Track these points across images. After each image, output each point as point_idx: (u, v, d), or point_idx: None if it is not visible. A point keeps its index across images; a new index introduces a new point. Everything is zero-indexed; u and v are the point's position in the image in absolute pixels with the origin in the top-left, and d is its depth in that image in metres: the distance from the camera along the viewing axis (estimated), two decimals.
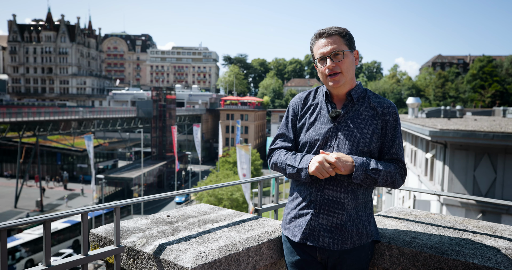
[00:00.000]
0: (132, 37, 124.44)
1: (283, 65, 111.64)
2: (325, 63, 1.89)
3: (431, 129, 12.19)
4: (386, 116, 1.92)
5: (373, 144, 1.89)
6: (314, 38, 1.95)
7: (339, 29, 1.91)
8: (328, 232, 1.86)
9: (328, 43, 1.88)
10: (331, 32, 1.89)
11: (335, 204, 1.86)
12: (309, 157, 1.89)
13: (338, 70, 1.87)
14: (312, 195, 1.90)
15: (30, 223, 1.69)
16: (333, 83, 1.89)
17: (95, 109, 56.75)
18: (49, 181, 48.23)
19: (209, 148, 74.72)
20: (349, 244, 1.86)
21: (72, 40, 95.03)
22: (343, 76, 1.88)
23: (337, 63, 1.87)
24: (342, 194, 1.86)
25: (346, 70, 1.88)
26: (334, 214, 1.86)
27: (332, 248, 1.86)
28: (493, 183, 11.50)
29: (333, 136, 1.90)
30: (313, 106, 2.01)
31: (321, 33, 1.91)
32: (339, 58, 1.87)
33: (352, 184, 1.87)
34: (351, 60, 1.90)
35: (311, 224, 1.88)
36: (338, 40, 1.88)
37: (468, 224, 2.35)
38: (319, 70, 1.94)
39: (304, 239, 1.89)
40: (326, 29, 1.91)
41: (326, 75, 1.90)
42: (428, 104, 76.37)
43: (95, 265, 21.99)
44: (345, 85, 1.91)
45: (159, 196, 2.16)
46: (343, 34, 1.90)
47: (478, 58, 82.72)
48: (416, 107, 23.28)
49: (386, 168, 1.85)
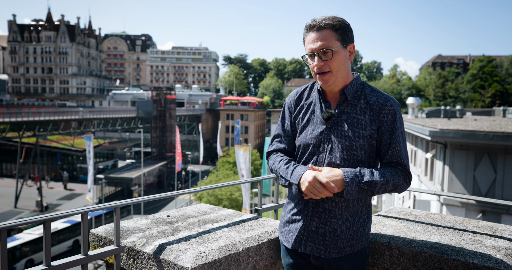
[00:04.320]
0: (132, 37, 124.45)
1: (283, 65, 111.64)
2: (314, 60, 1.74)
3: (431, 129, 12.19)
4: (383, 115, 1.76)
5: (368, 146, 1.77)
6: (305, 30, 1.77)
7: (332, 21, 1.71)
8: (320, 240, 1.79)
9: (317, 38, 1.71)
10: (322, 25, 1.70)
11: (326, 212, 1.78)
12: (300, 170, 1.77)
13: (327, 69, 1.72)
14: (303, 201, 1.84)
15: (30, 223, 1.69)
16: (322, 82, 1.76)
17: (95, 109, 56.76)
18: (49, 181, 48.20)
19: (209, 148, 74.69)
20: (342, 251, 1.79)
21: (72, 40, 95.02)
22: (333, 76, 1.74)
23: (326, 62, 1.71)
24: (334, 202, 1.77)
25: (336, 69, 1.73)
26: (326, 222, 1.78)
27: (324, 256, 1.79)
28: (493, 183, 11.50)
29: (326, 139, 1.79)
30: (306, 105, 1.90)
31: (311, 25, 1.73)
32: (328, 57, 1.71)
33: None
34: (342, 57, 1.73)
35: (303, 232, 1.83)
36: (329, 35, 1.70)
37: (468, 224, 2.35)
38: (309, 66, 1.80)
39: (296, 246, 1.85)
40: (318, 20, 1.72)
41: (315, 73, 1.76)
42: (428, 104, 76.37)
43: (95, 265, 21.98)
44: (336, 83, 1.77)
45: (159, 196, 2.16)
46: (336, 27, 1.71)
47: (478, 58, 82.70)
48: (416, 107, 23.29)
49: (383, 176, 1.70)
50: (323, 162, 1.79)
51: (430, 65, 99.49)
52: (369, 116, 1.77)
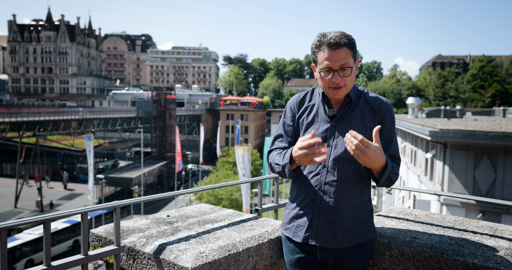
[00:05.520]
0: (132, 37, 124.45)
1: (283, 65, 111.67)
2: (330, 74, 1.83)
3: (431, 129, 12.19)
4: (382, 113, 1.91)
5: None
6: (320, 44, 1.83)
7: (348, 40, 1.81)
8: (330, 231, 1.87)
9: (338, 56, 1.79)
10: (342, 44, 1.79)
11: (335, 203, 1.86)
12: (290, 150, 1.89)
13: (342, 84, 1.84)
14: (311, 194, 1.91)
15: (30, 223, 1.69)
16: (335, 95, 1.88)
17: (95, 109, 56.76)
18: (49, 181, 48.21)
19: (209, 148, 74.71)
20: (350, 242, 1.88)
21: (72, 40, 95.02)
22: (346, 89, 1.87)
23: (343, 78, 1.83)
24: (341, 193, 1.87)
25: (350, 83, 1.86)
26: (334, 212, 1.86)
27: (334, 247, 1.87)
28: (493, 183, 11.51)
29: (331, 136, 1.91)
30: (310, 106, 2.01)
31: (330, 43, 1.79)
32: (347, 73, 1.82)
33: (351, 182, 1.87)
34: (354, 72, 1.87)
35: (312, 224, 1.89)
36: (347, 53, 1.80)
37: (468, 224, 2.35)
38: (320, 78, 1.88)
39: (306, 239, 1.90)
40: (336, 38, 1.79)
41: (329, 86, 1.85)
42: (428, 104, 76.39)
43: (95, 265, 21.99)
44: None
45: (159, 196, 2.16)
46: (352, 46, 1.82)
47: (478, 58, 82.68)
48: (416, 107, 23.28)
49: (398, 170, 1.87)
50: (329, 156, 1.90)
51: (430, 65, 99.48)
52: (370, 113, 1.92)
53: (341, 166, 1.87)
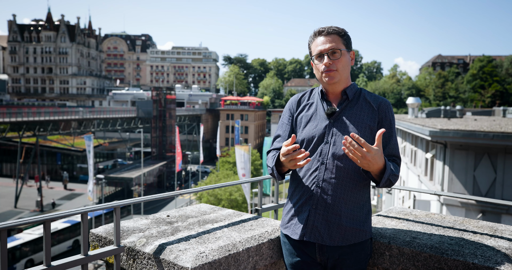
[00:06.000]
0: (132, 37, 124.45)
1: (283, 65, 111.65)
2: (322, 60, 1.92)
3: (431, 129, 12.19)
4: (382, 112, 1.93)
5: (369, 139, 1.88)
6: (313, 35, 1.98)
7: (338, 29, 1.95)
8: (325, 227, 1.86)
9: (326, 41, 1.92)
10: (330, 31, 1.93)
11: (332, 200, 1.87)
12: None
13: (334, 67, 1.91)
14: (309, 192, 1.91)
15: (30, 223, 1.69)
16: (328, 79, 1.92)
17: (95, 109, 56.74)
18: (49, 181, 48.21)
19: (209, 148, 74.70)
20: (346, 241, 1.87)
21: (72, 40, 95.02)
22: (338, 74, 1.91)
23: (334, 61, 1.90)
24: (339, 190, 1.87)
25: (342, 68, 1.92)
26: (331, 210, 1.86)
27: (328, 244, 1.86)
28: (493, 183, 11.50)
29: (330, 133, 1.92)
30: (308, 104, 2.04)
31: (320, 31, 1.95)
32: (336, 56, 1.91)
33: (349, 180, 1.88)
34: (347, 59, 1.94)
35: (309, 220, 1.89)
36: (336, 39, 1.93)
37: (468, 224, 2.35)
38: (315, 67, 1.97)
39: (303, 236, 1.90)
40: (326, 27, 1.95)
41: (322, 71, 1.92)
42: (428, 104, 76.37)
43: (95, 265, 21.99)
44: (340, 83, 1.94)
45: (159, 196, 2.16)
46: (342, 34, 1.94)
47: (478, 58, 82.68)
48: (416, 107, 23.28)
49: (398, 171, 1.87)
50: (327, 153, 1.90)
51: (430, 65, 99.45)
52: (369, 111, 1.94)
53: (340, 163, 1.87)
